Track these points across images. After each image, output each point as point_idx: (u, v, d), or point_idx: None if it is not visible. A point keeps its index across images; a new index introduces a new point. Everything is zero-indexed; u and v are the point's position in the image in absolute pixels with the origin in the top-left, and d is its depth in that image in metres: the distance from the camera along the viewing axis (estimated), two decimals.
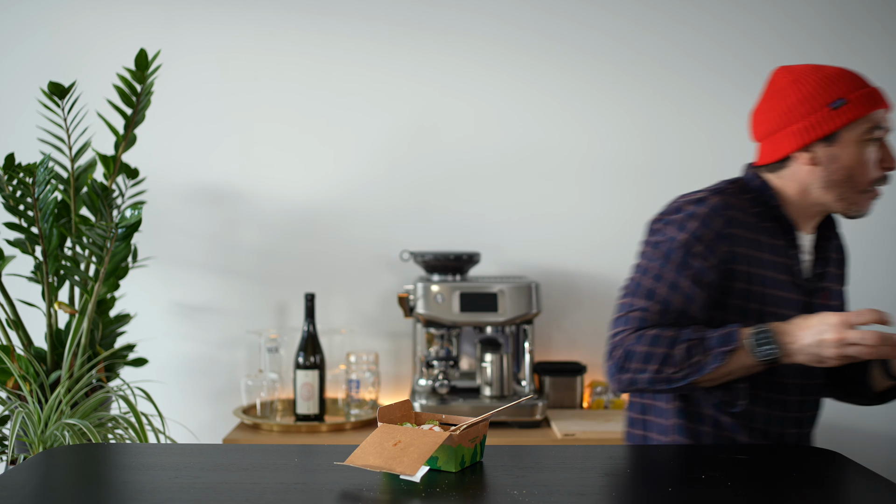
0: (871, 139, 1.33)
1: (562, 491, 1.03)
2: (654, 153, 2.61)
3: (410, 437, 1.10)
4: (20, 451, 1.93)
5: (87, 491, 1.04)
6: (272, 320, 2.57)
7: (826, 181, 1.36)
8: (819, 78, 1.36)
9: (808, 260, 1.43)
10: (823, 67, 1.37)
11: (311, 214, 2.58)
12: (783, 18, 2.60)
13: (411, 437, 1.10)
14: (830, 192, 1.37)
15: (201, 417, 2.52)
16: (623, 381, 1.28)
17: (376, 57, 2.57)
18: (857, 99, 1.33)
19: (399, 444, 1.08)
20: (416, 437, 1.10)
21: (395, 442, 1.09)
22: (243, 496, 1.00)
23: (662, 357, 1.24)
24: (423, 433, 1.11)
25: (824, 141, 1.34)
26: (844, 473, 1.12)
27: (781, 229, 1.40)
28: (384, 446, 1.09)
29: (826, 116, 1.33)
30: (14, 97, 2.52)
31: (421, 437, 1.10)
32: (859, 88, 1.33)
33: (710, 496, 1.02)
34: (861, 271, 2.64)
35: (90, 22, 2.53)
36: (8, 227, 2.04)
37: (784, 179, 1.40)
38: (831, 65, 1.41)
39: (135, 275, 2.41)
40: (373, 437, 1.12)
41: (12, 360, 1.98)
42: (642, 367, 1.25)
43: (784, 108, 1.37)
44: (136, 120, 2.19)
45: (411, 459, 1.05)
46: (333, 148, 2.58)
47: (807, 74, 1.37)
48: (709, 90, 2.60)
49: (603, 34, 2.58)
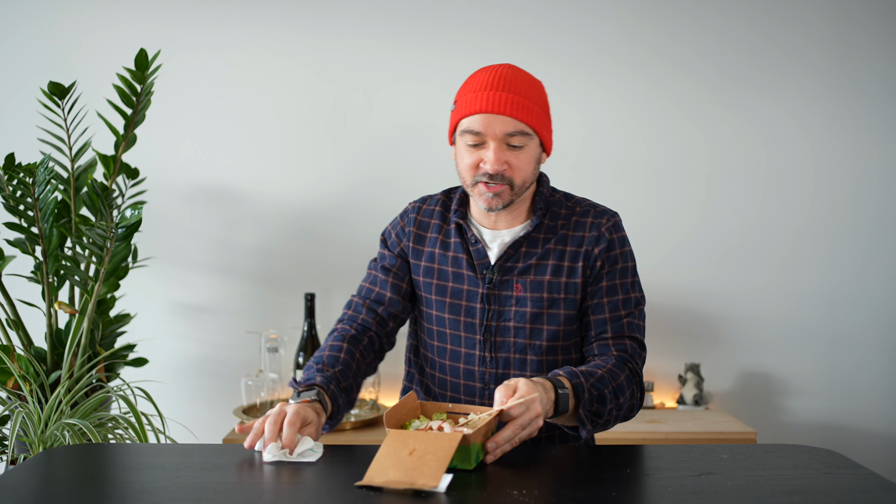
0: (467, 142, 1.37)
1: (562, 491, 1.03)
2: (654, 152, 2.61)
3: (425, 444, 1.07)
4: (20, 451, 1.93)
5: (87, 491, 1.04)
6: (272, 320, 2.57)
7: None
8: (471, 74, 1.42)
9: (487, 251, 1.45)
10: (487, 66, 1.40)
11: (311, 214, 2.58)
12: (783, 18, 2.60)
13: (425, 443, 1.07)
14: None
15: (201, 417, 2.52)
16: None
17: (376, 57, 2.57)
18: (461, 102, 1.38)
19: (415, 453, 1.05)
20: (430, 442, 1.07)
21: (409, 450, 1.06)
22: (243, 496, 1.00)
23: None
24: (436, 437, 1.08)
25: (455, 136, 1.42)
26: (844, 473, 1.12)
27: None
28: (400, 457, 1.05)
29: (451, 114, 1.42)
30: (14, 97, 2.52)
31: (435, 442, 1.06)
32: (469, 92, 1.37)
33: (711, 495, 1.02)
34: (862, 270, 2.65)
35: (90, 22, 2.53)
36: (8, 227, 2.04)
37: None
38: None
39: (135, 275, 2.41)
40: (385, 448, 1.08)
41: (12, 360, 1.98)
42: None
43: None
44: (136, 120, 2.18)
45: (431, 469, 1.02)
46: (333, 148, 2.58)
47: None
48: (708, 89, 2.60)
49: (602, 31, 2.58)
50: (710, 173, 2.63)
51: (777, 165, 2.62)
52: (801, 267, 2.64)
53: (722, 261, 2.63)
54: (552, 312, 1.41)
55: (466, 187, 1.41)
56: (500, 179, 1.35)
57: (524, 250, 1.44)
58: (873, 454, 2.62)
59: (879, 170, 2.63)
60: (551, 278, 1.42)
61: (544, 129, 1.39)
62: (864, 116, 2.61)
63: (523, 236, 1.43)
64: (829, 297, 2.64)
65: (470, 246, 1.45)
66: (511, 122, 1.33)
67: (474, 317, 1.44)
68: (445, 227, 1.49)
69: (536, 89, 1.38)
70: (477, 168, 1.36)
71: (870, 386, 2.65)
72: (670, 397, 2.64)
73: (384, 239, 1.55)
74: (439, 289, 1.47)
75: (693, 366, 2.58)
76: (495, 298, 1.43)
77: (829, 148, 2.62)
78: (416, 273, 1.50)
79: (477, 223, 1.48)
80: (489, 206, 1.37)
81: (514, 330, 1.42)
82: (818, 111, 2.61)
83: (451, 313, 1.45)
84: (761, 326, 2.64)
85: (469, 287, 1.44)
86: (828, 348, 2.65)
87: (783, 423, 2.65)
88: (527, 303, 1.41)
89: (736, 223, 2.63)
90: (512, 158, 1.35)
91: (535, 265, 1.43)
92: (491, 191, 1.35)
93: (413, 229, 1.51)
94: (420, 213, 1.53)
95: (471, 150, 1.36)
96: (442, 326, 1.47)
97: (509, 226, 1.45)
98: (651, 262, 2.57)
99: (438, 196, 1.54)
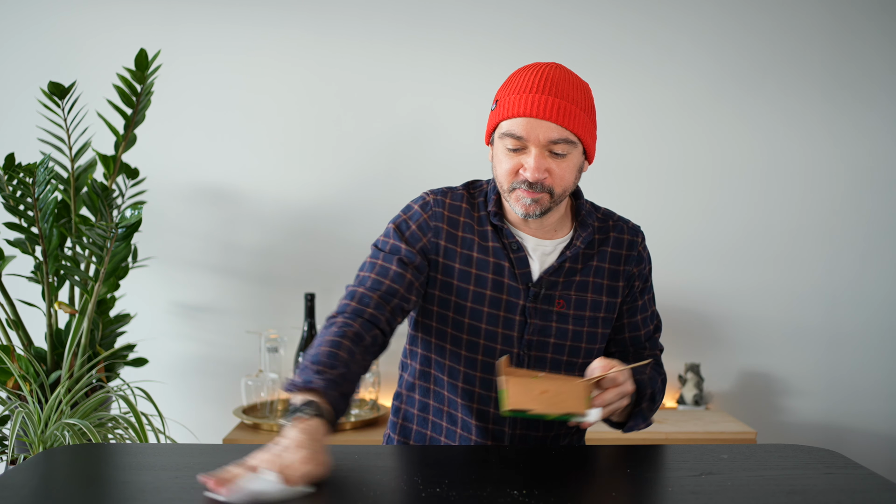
0: (507, 146, 1.29)
1: (561, 491, 1.03)
2: (655, 153, 2.61)
3: (556, 386, 1.06)
4: (20, 451, 1.93)
5: (87, 491, 1.04)
6: (272, 320, 2.57)
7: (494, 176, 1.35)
8: (514, 71, 1.33)
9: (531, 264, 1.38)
10: (532, 65, 1.32)
11: (311, 214, 2.58)
12: (783, 20, 2.60)
13: (557, 384, 1.07)
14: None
15: (201, 417, 2.52)
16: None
17: (376, 57, 2.57)
18: (502, 103, 1.29)
19: (547, 394, 1.04)
20: (561, 384, 1.07)
21: (541, 390, 1.04)
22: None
23: None
24: (565, 380, 1.09)
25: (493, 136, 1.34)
26: (844, 473, 1.12)
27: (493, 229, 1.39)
28: (534, 395, 1.04)
29: (491, 113, 1.33)
30: (14, 97, 2.52)
31: (567, 384, 1.08)
32: (513, 93, 1.28)
33: (711, 495, 1.02)
34: (862, 270, 2.65)
35: (90, 22, 2.53)
36: (8, 227, 2.04)
37: None
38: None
39: (135, 275, 2.41)
40: (513, 387, 1.06)
41: (12, 360, 1.98)
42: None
43: None
44: (136, 120, 2.18)
45: (574, 403, 1.02)
46: (333, 148, 2.58)
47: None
48: (709, 89, 2.60)
49: (602, 32, 2.58)
50: (710, 173, 2.63)
51: (777, 166, 2.62)
52: (801, 267, 2.64)
53: (722, 261, 2.63)
54: (592, 331, 1.38)
55: (502, 191, 1.32)
56: (540, 188, 1.27)
57: (567, 265, 1.37)
58: (873, 454, 2.62)
59: (879, 170, 2.63)
60: (594, 296, 1.38)
61: (589, 137, 1.31)
62: (864, 117, 2.61)
63: (572, 251, 1.36)
64: (829, 297, 2.64)
65: (511, 253, 1.36)
66: (556, 129, 1.25)
67: (513, 329, 1.35)
68: (479, 228, 1.37)
69: (584, 93, 1.30)
70: (516, 174, 1.28)
71: (870, 386, 2.65)
72: (670, 397, 2.64)
73: (398, 229, 1.38)
74: (477, 296, 1.35)
75: (693, 366, 2.58)
76: (536, 312, 1.35)
77: (829, 148, 2.62)
78: (447, 275, 1.36)
79: (517, 229, 1.38)
80: (526, 212, 1.29)
81: (554, 346, 1.36)
82: (818, 112, 2.61)
83: (489, 324, 1.35)
84: (761, 326, 2.64)
85: (509, 297, 1.35)
86: (828, 348, 2.65)
87: (783, 423, 2.65)
88: (568, 320, 1.36)
89: (736, 223, 2.63)
90: (553, 166, 1.27)
91: (577, 281, 1.37)
92: (530, 196, 1.28)
93: (443, 225, 1.37)
94: (446, 207, 1.38)
95: (510, 154, 1.28)
96: (476, 336, 1.36)
97: (551, 236, 1.38)
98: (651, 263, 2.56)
99: (460, 191, 1.41)
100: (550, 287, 1.36)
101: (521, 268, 1.35)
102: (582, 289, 1.38)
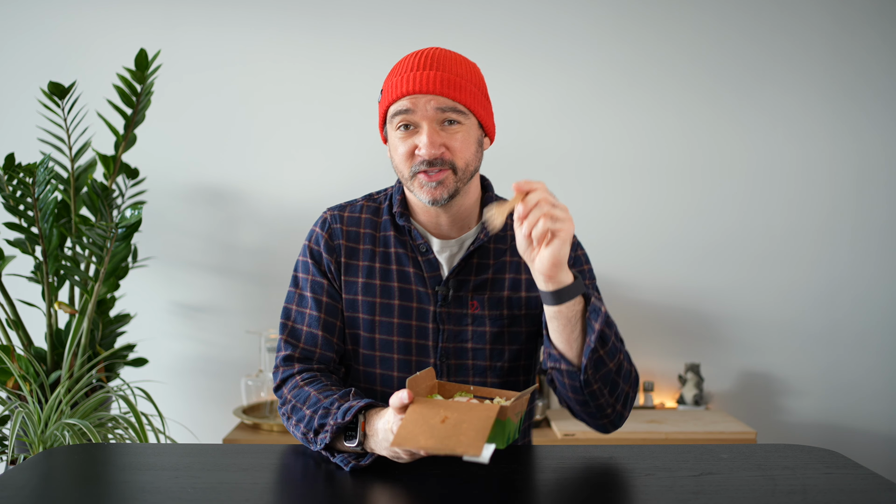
0: (398, 128, 1.22)
1: (561, 491, 1.03)
2: (656, 152, 2.61)
3: (459, 413, 0.94)
4: (20, 451, 1.93)
5: (87, 491, 1.04)
6: (272, 320, 2.57)
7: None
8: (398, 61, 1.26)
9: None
10: (416, 51, 1.26)
11: (310, 214, 2.58)
12: (782, 18, 2.60)
13: (459, 412, 0.95)
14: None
15: (201, 417, 2.52)
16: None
17: (376, 57, 2.57)
18: (386, 89, 1.23)
19: (448, 421, 0.93)
20: (464, 412, 0.95)
21: (441, 418, 0.94)
22: (243, 496, 1.00)
23: None
24: (470, 407, 0.96)
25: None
26: (844, 473, 1.12)
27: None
28: (431, 424, 0.94)
29: (379, 105, 1.26)
30: (14, 97, 2.52)
31: (470, 412, 0.94)
32: (394, 76, 1.22)
33: (711, 495, 1.02)
34: (862, 270, 2.65)
35: (90, 22, 2.53)
36: (8, 227, 2.04)
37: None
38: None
39: (135, 275, 2.41)
40: (412, 414, 0.97)
41: (12, 360, 1.98)
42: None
43: None
44: (136, 120, 2.18)
45: (469, 438, 0.90)
46: (333, 148, 2.58)
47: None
48: (709, 89, 2.60)
49: (602, 34, 2.58)
50: (710, 173, 2.63)
51: (777, 165, 2.62)
52: (802, 267, 2.64)
53: (722, 261, 2.63)
54: (513, 331, 1.28)
55: (405, 182, 1.24)
56: (441, 164, 1.19)
57: (476, 262, 1.29)
58: (873, 454, 2.62)
59: (880, 170, 2.63)
60: (511, 293, 1.28)
61: (482, 109, 1.24)
62: (864, 116, 2.61)
63: (476, 244, 1.28)
64: (829, 297, 2.64)
65: (419, 256, 1.28)
66: (442, 100, 1.18)
67: (427, 338, 1.27)
68: (381, 235, 1.31)
69: (470, 69, 1.24)
70: (413, 156, 1.21)
71: (870, 386, 2.65)
72: (670, 397, 2.64)
73: (314, 256, 1.32)
74: (384, 308, 1.28)
75: (693, 366, 2.58)
76: (448, 317, 1.27)
77: (829, 148, 2.62)
78: (350, 292, 1.29)
79: (424, 230, 1.30)
80: (433, 197, 1.20)
81: (473, 352, 1.27)
82: (819, 111, 2.61)
83: (401, 335, 1.27)
84: (761, 326, 2.64)
85: (419, 304, 1.28)
86: (828, 348, 2.65)
87: (783, 423, 2.65)
88: (485, 322, 1.27)
89: (737, 223, 2.63)
90: (448, 140, 1.20)
91: (490, 279, 1.28)
92: (433, 179, 1.19)
93: (342, 241, 1.31)
94: (344, 222, 1.32)
95: (404, 136, 1.21)
96: (388, 352, 1.28)
97: (459, 233, 1.29)
98: (651, 263, 2.57)
99: (360, 202, 1.36)
100: (460, 288, 1.28)
101: (431, 271, 1.28)
102: (496, 287, 1.29)
